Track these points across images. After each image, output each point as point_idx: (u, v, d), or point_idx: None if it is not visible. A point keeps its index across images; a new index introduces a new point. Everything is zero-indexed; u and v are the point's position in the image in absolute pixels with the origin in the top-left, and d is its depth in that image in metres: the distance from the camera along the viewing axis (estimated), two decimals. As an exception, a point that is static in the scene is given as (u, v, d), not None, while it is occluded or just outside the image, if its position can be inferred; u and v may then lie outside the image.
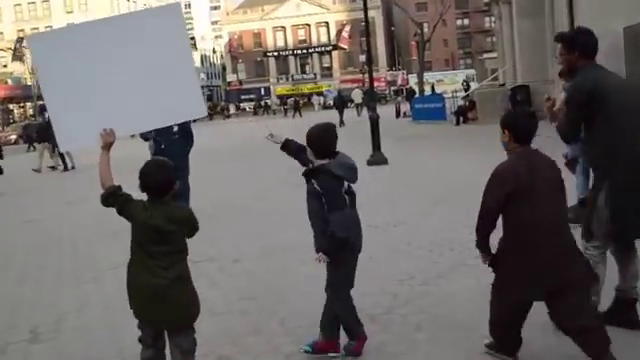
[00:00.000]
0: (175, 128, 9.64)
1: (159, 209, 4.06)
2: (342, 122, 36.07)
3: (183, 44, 4.85)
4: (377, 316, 5.70)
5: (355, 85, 78.30)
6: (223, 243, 9.31)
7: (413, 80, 71.52)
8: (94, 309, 6.74)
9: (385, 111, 40.04)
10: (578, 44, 4.85)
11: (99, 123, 4.36)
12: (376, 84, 70.93)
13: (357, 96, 44.77)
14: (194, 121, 11.64)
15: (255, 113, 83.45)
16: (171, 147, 9.62)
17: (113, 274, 7.93)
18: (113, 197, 4.14)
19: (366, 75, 30.77)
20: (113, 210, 4.21)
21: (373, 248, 8.11)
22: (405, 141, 23.37)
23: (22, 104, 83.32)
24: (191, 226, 4.22)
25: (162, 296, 4.05)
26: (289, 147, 5.19)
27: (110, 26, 4.77)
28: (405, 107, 41.36)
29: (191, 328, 4.31)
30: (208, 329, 5.74)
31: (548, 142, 5.98)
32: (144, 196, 4.18)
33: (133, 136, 6.94)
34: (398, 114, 40.65)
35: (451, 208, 10.27)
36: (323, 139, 4.81)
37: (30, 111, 79.82)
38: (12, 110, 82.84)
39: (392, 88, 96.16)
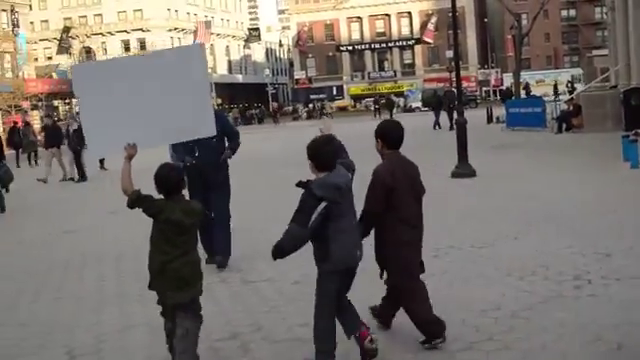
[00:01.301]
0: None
1: (177, 206, 5.40)
2: (438, 124, 37.02)
3: (201, 77, 6.57)
4: (456, 353, 5.67)
5: (441, 85, 77.97)
6: (284, 263, 9.35)
7: (508, 80, 70.72)
8: (138, 330, 6.92)
9: (475, 115, 39.75)
10: None
11: (125, 137, 5.84)
12: (465, 84, 70.41)
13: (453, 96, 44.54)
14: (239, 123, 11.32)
15: (310, 116, 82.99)
16: (207, 153, 9.30)
17: (159, 293, 8.13)
18: (138, 201, 5.46)
19: (454, 73, 30.39)
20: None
21: (454, 273, 8.10)
22: (496, 151, 23.13)
23: (67, 100, 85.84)
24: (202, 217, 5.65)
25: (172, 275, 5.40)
26: None
27: (143, 60, 6.96)
28: (499, 111, 40.92)
29: (190, 311, 5.45)
30: (265, 358, 5.83)
31: None
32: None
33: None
34: (490, 119, 40.24)
35: (547, 230, 10.12)
36: (321, 153, 5.40)
37: (76, 108, 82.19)
38: (57, 107, 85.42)
39: (484, 89, 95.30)
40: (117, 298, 8.25)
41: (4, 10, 72.56)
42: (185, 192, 5.94)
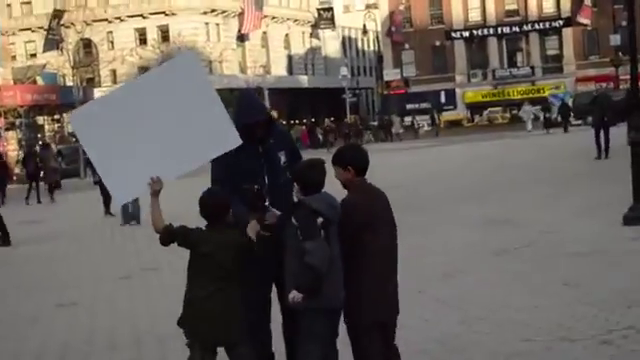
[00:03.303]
0: (282, 159, 8.43)
1: (212, 237, 7.16)
2: (602, 152, 33.35)
3: (204, 85, 8.11)
4: None
5: (604, 86, 76.95)
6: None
7: None
8: None
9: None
10: None
11: (146, 173, 7.40)
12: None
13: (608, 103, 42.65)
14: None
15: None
16: (281, 199, 8.14)
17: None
18: (169, 236, 7.25)
19: (621, 69, 29.58)
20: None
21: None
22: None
23: (57, 116, 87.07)
24: (241, 250, 7.18)
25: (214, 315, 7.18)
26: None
27: (139, 85, 8.35)
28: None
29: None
30: None
31: None
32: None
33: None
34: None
35: None
36: (307, 175, 7.38)
37: (69, 127, 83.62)
38: (41, 125, 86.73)
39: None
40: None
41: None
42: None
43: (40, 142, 47.55)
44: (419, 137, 79.67)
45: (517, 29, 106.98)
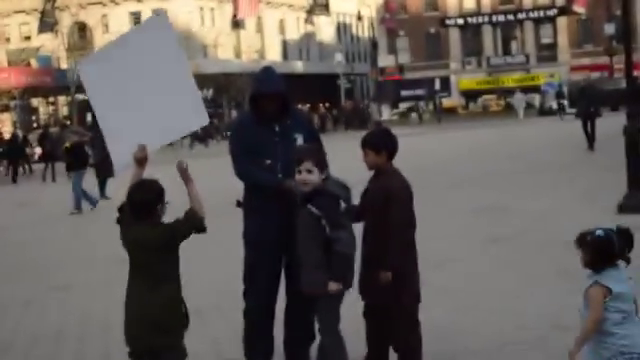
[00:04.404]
0: (300, 140, 8.24)
1: (131, 230, 6.66)
2: (591, 144, 33.10)
3: (176, 54, 7.62)
4: None
5: (598, 75, 76.99)
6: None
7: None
8: None
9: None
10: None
11: (133, 141, 7.06)
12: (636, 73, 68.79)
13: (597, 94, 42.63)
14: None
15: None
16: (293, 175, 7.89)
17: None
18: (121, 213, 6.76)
19: (615, 58, 29.63)
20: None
21: None
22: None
23: (52, 99, 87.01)
24: (170, 237, 6.53)
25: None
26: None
27: (121, 46, 7.72)
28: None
29: None
30: None
31: None
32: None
33: None
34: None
35: None
36: (324, 159, 7.42)
37: (64, 110, 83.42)
38: (36, 108, 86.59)
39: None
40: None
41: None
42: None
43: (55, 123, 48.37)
44: (423, 123, 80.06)
45: (512, 17, 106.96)
